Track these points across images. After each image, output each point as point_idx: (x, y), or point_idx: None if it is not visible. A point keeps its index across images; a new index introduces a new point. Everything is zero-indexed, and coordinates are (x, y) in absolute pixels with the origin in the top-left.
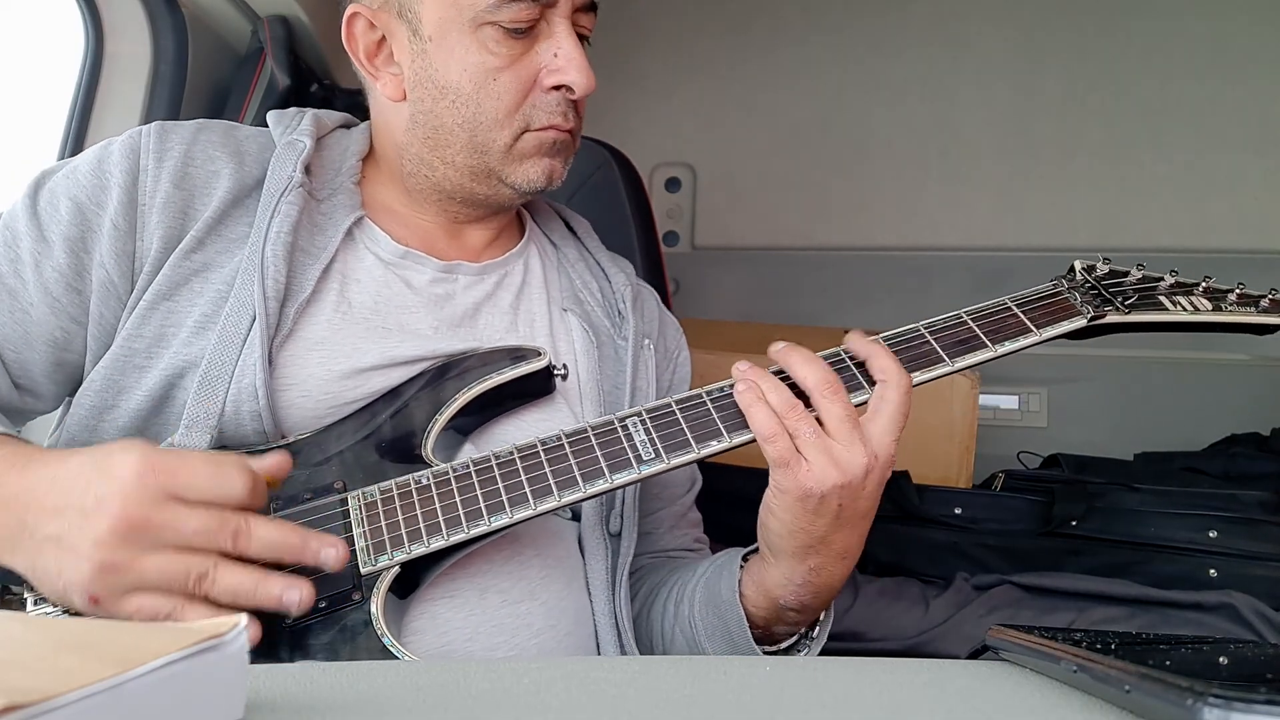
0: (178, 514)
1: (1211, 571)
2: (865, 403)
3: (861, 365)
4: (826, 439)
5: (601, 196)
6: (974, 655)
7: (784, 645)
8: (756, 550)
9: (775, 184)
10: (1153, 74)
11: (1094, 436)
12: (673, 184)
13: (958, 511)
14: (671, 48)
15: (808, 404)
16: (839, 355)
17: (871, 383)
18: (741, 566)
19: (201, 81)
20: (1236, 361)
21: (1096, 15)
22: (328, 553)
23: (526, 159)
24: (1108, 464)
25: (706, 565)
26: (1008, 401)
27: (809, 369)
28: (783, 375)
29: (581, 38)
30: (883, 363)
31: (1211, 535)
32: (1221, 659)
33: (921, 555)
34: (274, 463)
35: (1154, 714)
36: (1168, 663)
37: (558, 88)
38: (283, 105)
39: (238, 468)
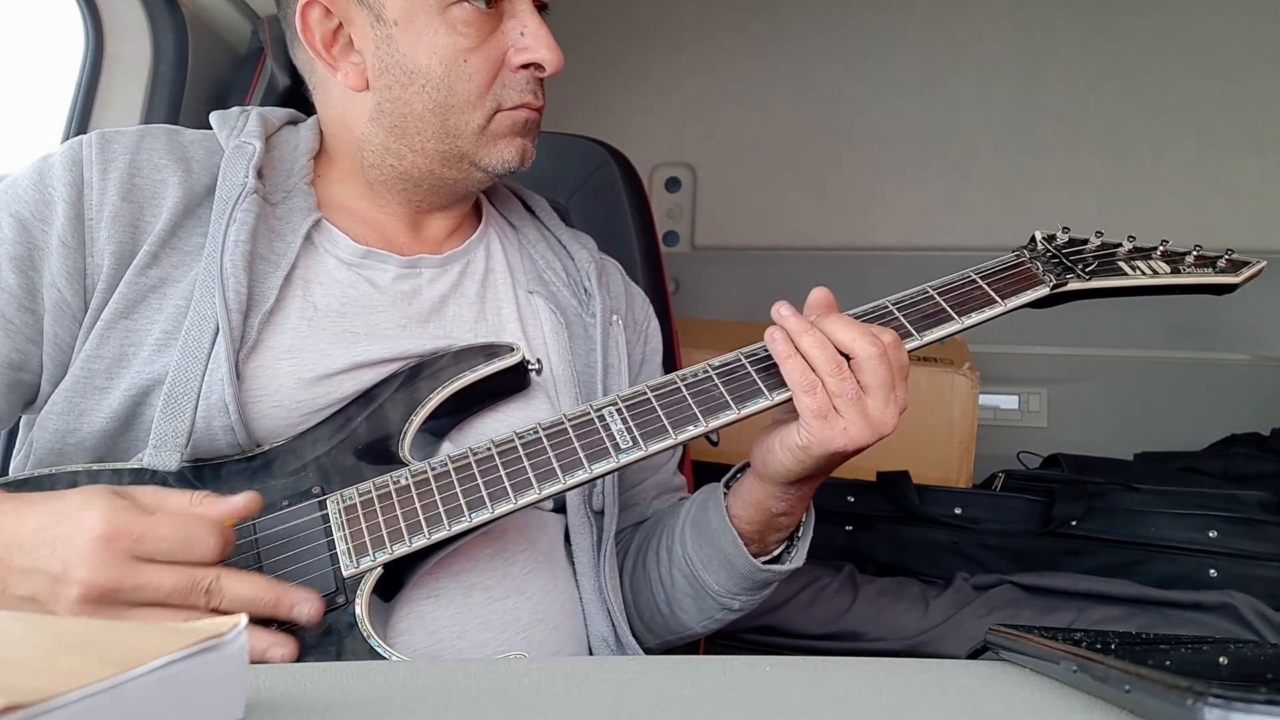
0: (148, 576)
1: (1211, 571)
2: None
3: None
4: (864, 401)
5: (601, 196)
6: (974, 655)
7: (777, 552)
8: (736, 478)
9: (775, 184)
10: (1153, 73)
11: (1094, 436)
12: (673, 184)
13: (958, 511)
14: (671, 48)
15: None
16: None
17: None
18: (725, 491)
19: (201, 81)
20: (1236, 361)
21: (1097, 15)
22: (300, 609)
23: (500, 139)
24: (1108, 464)
25: (689, 505)
26: (1008, 401)
27: (851, 333)
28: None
29: (540, 7)
30: (873, 329)
31: (1211, 535)
32: (1221, 659)
33: (921, 555)
34: (244, 504)
35: (1154, 714)
36: (1168, 663)
37: (527, 66)
38: (283, 105)
39: (207, 528)
